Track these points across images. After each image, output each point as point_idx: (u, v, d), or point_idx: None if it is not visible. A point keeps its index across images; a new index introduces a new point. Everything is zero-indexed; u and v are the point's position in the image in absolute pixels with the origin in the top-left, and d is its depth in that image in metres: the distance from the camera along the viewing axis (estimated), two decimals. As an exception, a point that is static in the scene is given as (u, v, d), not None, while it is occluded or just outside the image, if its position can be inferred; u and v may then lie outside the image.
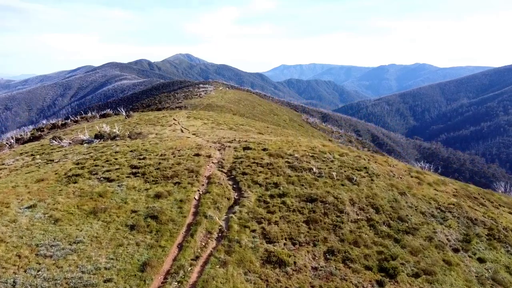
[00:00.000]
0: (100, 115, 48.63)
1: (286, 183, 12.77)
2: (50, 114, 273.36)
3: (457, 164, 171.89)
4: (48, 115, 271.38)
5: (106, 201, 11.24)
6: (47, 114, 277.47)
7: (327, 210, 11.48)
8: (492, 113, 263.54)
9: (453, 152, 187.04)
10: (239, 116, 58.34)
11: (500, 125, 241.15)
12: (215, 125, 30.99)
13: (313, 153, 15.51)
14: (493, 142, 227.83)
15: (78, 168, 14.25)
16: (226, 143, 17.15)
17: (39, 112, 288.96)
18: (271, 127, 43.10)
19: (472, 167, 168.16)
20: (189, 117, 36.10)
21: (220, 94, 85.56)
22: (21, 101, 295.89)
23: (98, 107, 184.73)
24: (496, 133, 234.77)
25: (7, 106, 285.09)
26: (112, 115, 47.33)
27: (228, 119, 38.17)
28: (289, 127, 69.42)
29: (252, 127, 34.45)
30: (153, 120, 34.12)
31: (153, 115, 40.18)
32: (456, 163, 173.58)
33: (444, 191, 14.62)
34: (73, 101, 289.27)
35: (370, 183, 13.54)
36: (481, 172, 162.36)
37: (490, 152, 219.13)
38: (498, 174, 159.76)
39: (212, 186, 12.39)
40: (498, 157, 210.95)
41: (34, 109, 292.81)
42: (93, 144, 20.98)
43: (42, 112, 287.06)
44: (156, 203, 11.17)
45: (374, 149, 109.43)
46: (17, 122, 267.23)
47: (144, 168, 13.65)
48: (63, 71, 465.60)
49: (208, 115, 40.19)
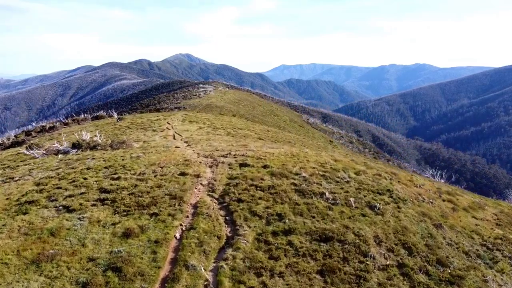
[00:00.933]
0: (93, 117, 46.05)
1: (292, 214, 10.08)
2: (50, 114, 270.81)
3: (458, 165, 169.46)
4: (48, 115, 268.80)
5: (58, 242, 8.56)
6: (47, 114, 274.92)
7: (346, 253, 8.80)
8: (492, 113, 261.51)
9: (454, 153, 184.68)
10: (238, 117, 55.64)
11: (500, 125, 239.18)
12: (212, 129, 28.34)
13: (324, 171, 12.82)
14: (493, 142, 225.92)
15: (37, 191, 11.58)
16: (219, 157, 14.45)
17: (39, 112, 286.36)
18: (272, 130, 40.47)
19: (473, 168, 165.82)
20: (184, 120, 33.47)
21: (220, 95, 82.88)
22: (21, 101, 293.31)
23: (98, 107, 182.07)
24: (496, 134, 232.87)
25: (6, 106, 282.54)
26: (105, 117, 44.73)
27: (226, 122, 35.52)
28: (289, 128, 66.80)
29: (252, 131, 31.78)
30: (145, 124, 31.51)
31: (147, 117, 37.49)
32: (457, 163, 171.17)
33: (485, 219, 11.96)
34: (72, 101, 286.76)
35: (397, 211, 10.86)
36: (482, 173, 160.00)
37: (491, 152, 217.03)
38: (499, 175, 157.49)
39: (198, 219, 9.71)
40: (498, 157, 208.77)
41: (34, 109, 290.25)
42: (69, 155, 18.32)
43: (42, 112, 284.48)
44: (124, 246, 8.49)
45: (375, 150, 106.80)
46: (17, 122, 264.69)
47: (115, 193, 10.96)
48: (63, 71, 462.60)
49: (205, 118, 37.59)
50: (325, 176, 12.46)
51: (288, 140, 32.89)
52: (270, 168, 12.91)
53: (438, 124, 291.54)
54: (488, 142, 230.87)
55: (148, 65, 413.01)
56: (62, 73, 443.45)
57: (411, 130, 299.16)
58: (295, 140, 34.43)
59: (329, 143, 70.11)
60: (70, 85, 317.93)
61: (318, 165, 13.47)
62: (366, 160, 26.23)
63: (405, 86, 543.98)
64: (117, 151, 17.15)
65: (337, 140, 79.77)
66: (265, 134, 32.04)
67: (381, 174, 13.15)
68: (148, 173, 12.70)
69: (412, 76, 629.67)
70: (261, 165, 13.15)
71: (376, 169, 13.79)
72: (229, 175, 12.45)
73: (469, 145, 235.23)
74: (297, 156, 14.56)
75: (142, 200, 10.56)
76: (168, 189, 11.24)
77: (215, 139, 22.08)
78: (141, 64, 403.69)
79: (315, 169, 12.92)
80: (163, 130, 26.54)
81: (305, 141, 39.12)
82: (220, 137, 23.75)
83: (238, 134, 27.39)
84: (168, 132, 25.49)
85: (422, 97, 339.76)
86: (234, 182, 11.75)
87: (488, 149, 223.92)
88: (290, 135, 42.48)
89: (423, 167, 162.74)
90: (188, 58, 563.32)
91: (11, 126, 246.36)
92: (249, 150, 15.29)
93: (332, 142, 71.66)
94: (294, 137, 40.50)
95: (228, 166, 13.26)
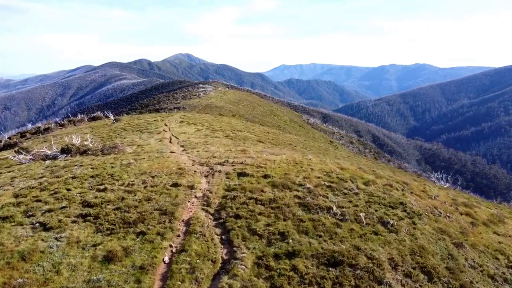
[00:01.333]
0: (89, 118, 44.98)
1: (297, 233, 8.98)
2: (50, 113, 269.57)
3: (458, 165, 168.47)
4: (48, 114, 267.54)
5: (29, 268, 7.46)
6: (47, 113, 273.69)
7: (359, 280, 7.70)
8: (493, 113, 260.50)
9: (454, 153, 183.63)
10: (238, 118, 54.59)
11: (501, 125, 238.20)
12: (210, 131, 27.29)
13: (330, 181, 11.72)
14: (493, 142, 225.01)
15: (14, 204, 10.48)
16: (216, 165, 13.34)
17: (39, 112, 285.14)
18: (272, 132, 39.38)
19: (473, 168, 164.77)
20: (182, 121, 32.48)
21: (220, 95, 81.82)
22: (21, 101, 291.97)
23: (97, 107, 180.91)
24: (497, 134, 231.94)
25: (6, 106, 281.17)
26: (102, 118, 43.65)
27: (225, 124, 34.46)
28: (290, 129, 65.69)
29: (251, 133, 30.70)
30: (142, 126, 30.46)
31: (144, 119, 36.42)
32: (457, 164, 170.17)
33: (507, 235, 10.87)
34: (72, 101, 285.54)
35: (412, 228, 9.76)
36: (483, 173, 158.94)
37: (491, 152, 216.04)
38: (500, 176, 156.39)
39: (191, 239, 8.61)
40: (499, 157, 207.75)
41: (34, 109, 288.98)
42: (56, 160, 17.23)
43: (42, 112, 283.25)
44: (104, 273, 7.40)
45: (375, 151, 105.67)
46: (16, 121, 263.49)
47: (99, 208, 9.86)
48: (63, 70, 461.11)
49: (203, 119, 36.53)
50: (332, 187, 11.36)
51: (289, 142, 31.80)
52: (271, 178, 11.81)
53: (438, 124, 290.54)
54: (488, 142, 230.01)
55: (148, 65, 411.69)
56: (62, 73, 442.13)
57: (411, 130, 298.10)
58: (296, 142, 33.34)
59: (330, 143, 69.02)
60: (70, 85, 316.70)
61: (323, 174, 12.37)
62: (373, 164, 25.11)
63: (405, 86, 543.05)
64: (107, 157, 16.05)
65: (337, 141, 78.71)
66: (265, 136, 30.97)
67: (392, 184, 12.05)
68: (137, 183, 11.59)
69: (412, 76, 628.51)
70: (261, 174, 12.05)
71: (386, 178, 12.70)
72: (226, 186, 11.34)
73: (469, 145, 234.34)
74: (301, 164, 13.46)
75: (128, 216, 9.45)
76: (158, 202, 10.14)
77: (213, 142, 20.99)
78: (141, 64, 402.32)
79: (320, 179, 11.82)
80: (159, 133, 25.45)
81: (306, 143, 38.02)
82: (218, 140, 22.68)
83: (237, 136, 26.32)
84: (165, 135, 24.41)
85: (422, 97, 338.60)
86: (231, 195, 10.64)
87: (488, 149, 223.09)
88: (290, 136, 41.41)
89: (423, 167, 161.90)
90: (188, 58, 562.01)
91: (10, 126, 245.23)
92: (248, 157, 14.18)
93: (333, 142, 70.55)
94: (295, 139, 39.41)
95: (226, 176, 12.15)
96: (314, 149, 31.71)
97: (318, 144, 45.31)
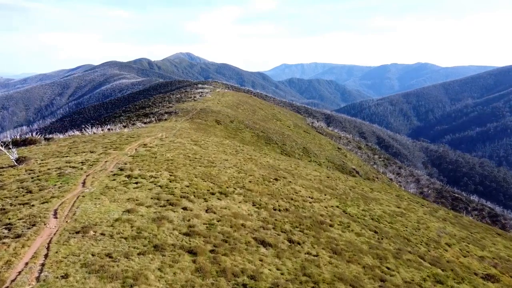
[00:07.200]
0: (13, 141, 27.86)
1: None
2: (48, 113, 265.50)
3: (466, 168, 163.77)
4: (46, 114, 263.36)
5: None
6: (45, 113, 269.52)
7: None
8: (498, 113, 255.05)
9: (461, 155, 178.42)
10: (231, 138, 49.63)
11: (507, 126, 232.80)
12: (160, 206, 13.64)
13: None
14: (500, 143, 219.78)
15: None
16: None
17: (37, 112, 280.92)
18: (283, 165, 29.33)
19: (481, 171, 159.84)
20: (123, 169, 18.32)
21: (217, 97, 77.19)
22: (19, 100, 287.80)
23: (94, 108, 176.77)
24: (503, 135, 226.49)
25: (4, 106, 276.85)
26: (39, 142, 29.53)
27: (211, 151, 27.31)
28: (295, 135, 61.06)
29: (250, 175, 21.69)
30: (32, 187, 14.61)
31: (62, 161, 20.13)
32: (465, 166, 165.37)
33: None
34: (70, 101, 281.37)
35: None
36: (491, 176, 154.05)
37: (497, 154, 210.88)
38: (509, 179, 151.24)
39: None
40: (505, 159, 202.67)
41: (32, 109, 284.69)
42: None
43: (40, 112, 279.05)
44: None
45: (385, 156, 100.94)
46: (14, 121, 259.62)
47: None
48: (63, 70, 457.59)
49: (190, 138, 30.00)
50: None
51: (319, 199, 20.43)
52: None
53: (442, 125, 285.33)
54: (494, 143, 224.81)
55: (148, 64, 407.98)
56: (62, 72, 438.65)
57: (415, 130, 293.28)
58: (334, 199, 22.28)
59: (338, 150, 64.50)
60: (69, 84, 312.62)
61: None
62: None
63: (407, 85, 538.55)
64: None
65: (345, 146, 74.10)
66: (274, 174, 23.25)
67: None
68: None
69: (414, 75, 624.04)
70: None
71: None
72: None
73: (474, 146, 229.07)
74: None
75: None
76: None
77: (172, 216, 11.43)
78: (141, 63, 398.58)
79: None
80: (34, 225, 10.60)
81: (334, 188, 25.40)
82: None
83: (223, 183, 17.23)
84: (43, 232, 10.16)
85: (425, 96, 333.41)
86: None
87: (494, 151, 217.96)
88: (316, 174, 28.94)
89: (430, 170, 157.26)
90: (189, 57, 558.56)
91: (8, 126, 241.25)
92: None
93: (341, 149, 66.05)
94: (324, 180, 26.76)
95: None
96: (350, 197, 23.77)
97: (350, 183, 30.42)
